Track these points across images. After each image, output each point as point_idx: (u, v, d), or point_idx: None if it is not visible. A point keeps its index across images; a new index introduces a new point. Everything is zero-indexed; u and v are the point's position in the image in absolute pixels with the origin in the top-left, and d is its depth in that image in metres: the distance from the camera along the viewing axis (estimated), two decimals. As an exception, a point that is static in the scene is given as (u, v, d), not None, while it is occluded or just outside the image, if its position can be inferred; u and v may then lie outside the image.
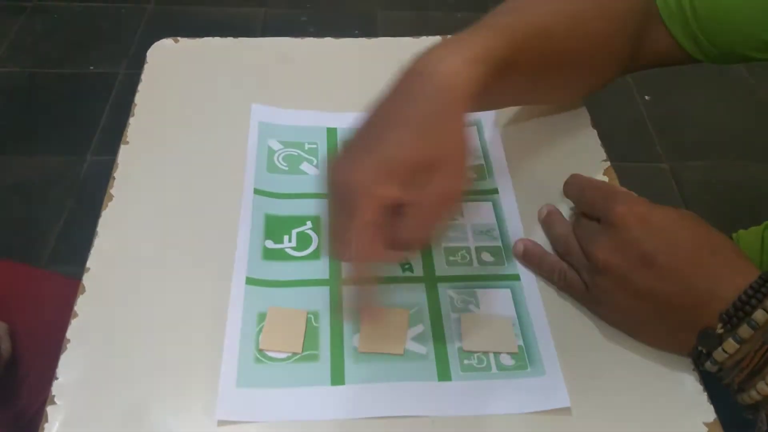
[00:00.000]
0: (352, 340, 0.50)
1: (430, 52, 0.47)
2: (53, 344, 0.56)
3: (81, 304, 0.52)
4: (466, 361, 0.49)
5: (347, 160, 0.45)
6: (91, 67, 1.95)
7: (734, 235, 0.70)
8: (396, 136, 0.44)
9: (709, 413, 0.47)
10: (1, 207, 1.59)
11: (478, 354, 0.50)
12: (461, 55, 0.46)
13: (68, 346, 0.49)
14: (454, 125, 0.45)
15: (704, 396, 0.48)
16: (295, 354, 0.49)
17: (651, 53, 0.62)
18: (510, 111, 0.67)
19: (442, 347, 0.50)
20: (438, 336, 0.50)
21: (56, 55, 1.98)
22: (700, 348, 0.46)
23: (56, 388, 0.47)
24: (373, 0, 2.18)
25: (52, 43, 2.02)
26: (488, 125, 0.65)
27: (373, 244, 0.44)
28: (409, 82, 0.46)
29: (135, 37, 2.04)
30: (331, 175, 0.46)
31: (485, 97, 0.49)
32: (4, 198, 1.61)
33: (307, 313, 0.51)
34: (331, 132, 0.65)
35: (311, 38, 0.75)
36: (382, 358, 0.49)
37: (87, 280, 0.53)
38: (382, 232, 0.44)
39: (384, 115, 0.46)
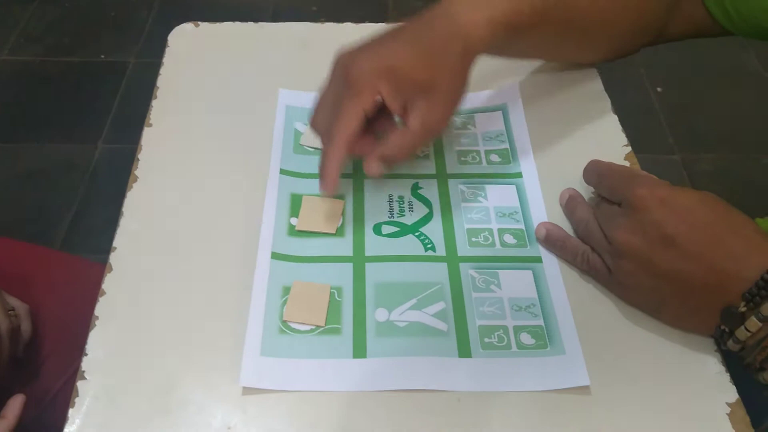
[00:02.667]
0: (374, 315, 0.51)
1: (457, 3, 0.52)
2: (73, 325, 0.57)
3: (108, 282, 0.52)
4: (486, 339, 0.50)
5: (357, 51, 0.52)
6: (102, 56, 1.95)
7: (758, 220, 0.70)
8: (405, 50, 0.51)
9: (732, 393, 0.48)
10: (14, 195, 1.60)
11: (498, 332, 0.50)
12: (485, 12, 0.52)
13: (96, 323, 0.50)
14: (457, 66, 0.52)
15: (726, 376, 0.48)
16: (318, 327, 0.50)
17: (684, 24, 0.63)
18: (533, 97, 0.67)
19: (463, 325, 0.50)
20: (459, 314, 0.51)
21: (67, 43, 1.99)
22: (722, 326, 0.46)
23: (86, 363, 0.48)
24: (384, -10, 2.19)
25: (62, 31, 2.03)
26: (514, 111, 0.66)
27: (356, 121, 0.51)
28: (434, 18, 0.52)
29: (145, 25, 2.04)
30: (339, 55, 0.53)
31: (508, 49, 0.59)
32: (16, 186, 1.62)
33: (331, 288, 0.52)
34: None
35: (330, 23, 0.75)
36: (403, 333, 0.50)
37: (114, 259, 0.54)
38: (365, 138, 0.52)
39: (402, 33, 0.52)
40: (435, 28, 0.52)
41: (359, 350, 0.49)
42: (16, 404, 0.56)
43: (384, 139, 0.53)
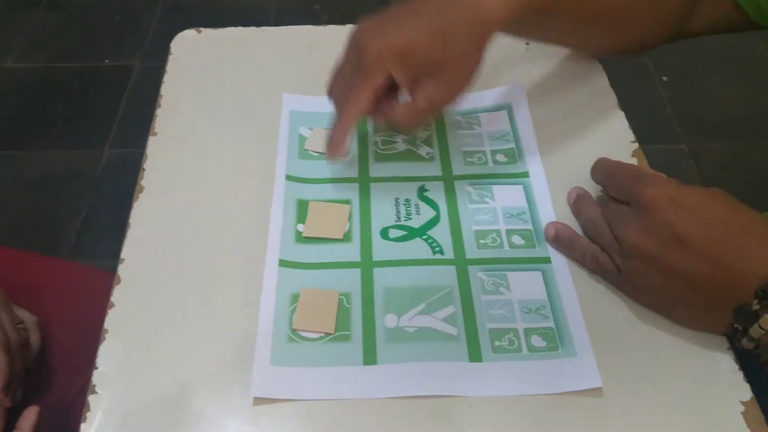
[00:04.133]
0: (384, 321, 0.51)
1: None
2: (84, 334, 0.57)
3: (117, 295, 0.52)
4: (497, 343, 0.49)
5: (375, 28, 0.53)
6: (107, 60, 1.96)
7: (766, 214, 0.69)
8: (421, 31, 0.52)
9: (746, 392, 0.47)
10: (21, 201, 1.61)
11: (508, 335, 0.50)
12: None
13: (106, 336, 0.50)
14: (471, 48, 0.53)
15: (740, 375, 0.48)
16: (327, 334, 0.50)
17: (709, 17, 0.63)
18: (538, 95, 0.67)
19: (473, 329, 0.50)
20: (469, 317, 0.51)
21: (71, 49, 1.99)
22: (736, 325, 0.46)
23: (96, 377, 0.48)
24: (386, -14, 2.18)
25: (66, 37, 2.03)
26: (519, 110, 0.66)
27: (367, 101, 0.53)
28: None
29: (149, 29, 2.04)
30: (357, 29, 0.54)
31: (527, 29, 0.61)
32: (24, 192, 1.63)
33: (339, 295, 0.52)
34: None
35: (333, 26, 0.75)
36: (413, 339, 0.49)
37: (122, 270, 0.54)
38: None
39: (422, 10, 0.53)
40: (451, 7, 0.52)
41: (369, 357, 0.49)
42: (30, 416, 0.56)
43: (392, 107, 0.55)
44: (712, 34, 0.65)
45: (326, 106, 0.57)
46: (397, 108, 0.55)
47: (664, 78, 1.87)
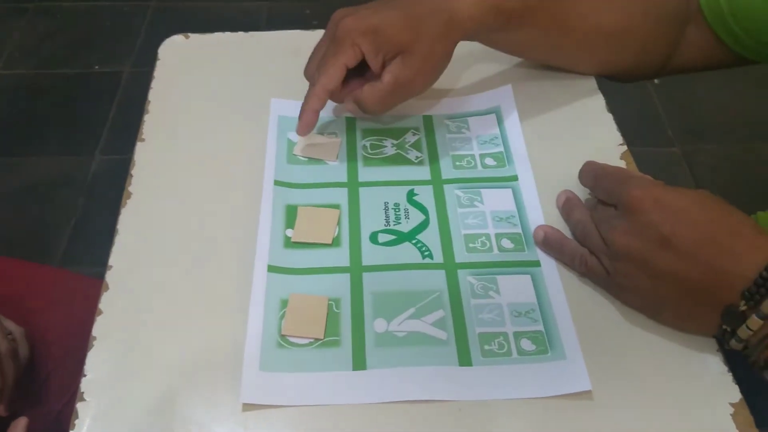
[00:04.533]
0: (373, 326, 0.51)
1: None
2: (72, 343, 0.57)
3: (105, 301, 0.52)
4: (486, 347, 0.49)
5: (350, 11, 0.57)
6: (96, 66, 1.95)
7: (753, 216, 0.70)
8: (392, 14, 0.56)
9: (735, 393, 0.47)
10: (12, 208, 1.60)
11: (498, 339, 0.50)
12: None
13: (94, 343, 0.50)
14: (438, 33, 0.56)
15: (729, 376, 0.48)
16: (317, 340, 0.50)
17: (693, 52, 0.65)
18: (527, 98, 0.67)
19: (463, 333, 0.50)
20: (458, 322, 0.51)
21: (61, 55, 1.99)
22: (724, 326, 0.46)
23: (85, 384, 0.48)
24: (376, -9, 2.18)
25: (56, 43, 2.03)
26: (507, 113, 0.66)
27: (337, 74, 0.56)
28: None
29: (139, 34, 2.04)
30: (335, 14, 0.58)
31: (502, 38, 0.63)
32: (14, 199, 1.62)
33: (328, 300, 0.52)
34: (350, 121, 0.65)
35: (321, 30, 0.74)
36: (403, 343, 0.49)
37: (110, 277, 0.54)
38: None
39: (396, 2, 0.57)
40: (429, 4, 0.56)
41: (359, 362, 0.49)
42: (19, 427, 0.56)
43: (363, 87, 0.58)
44: (701, 70, 0.67)
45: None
46: (364, 88, 0.58)
47: (656, 81, 1.88)
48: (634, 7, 0.63)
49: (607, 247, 0.50)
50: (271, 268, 0.53)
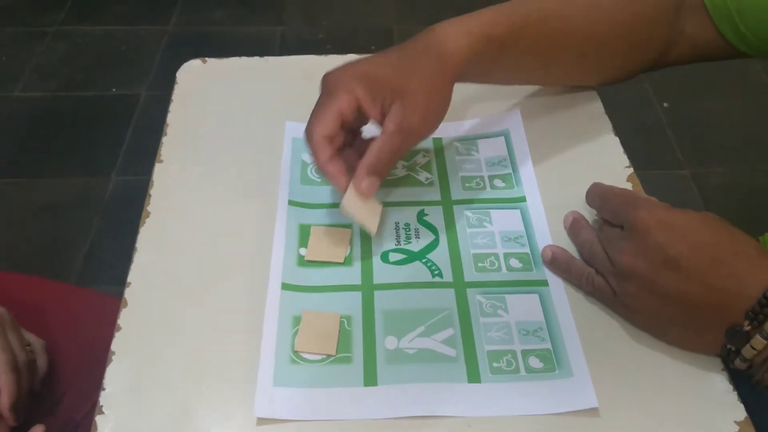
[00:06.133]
0: (384, 343, 0.52)
1: (439, 23, 0.57)
2: (91, 357, 0.58)
3: (124, 317, 0.54)
4: (495, 364, 0.50)
5: (340, 66, 0.56)
6: (113, 89, 1.99)
7: (760, 238, 0.71)
8: (383, 60, 0.56)
9: (740, 412, 0.48)
10: (29, 228, 1.63)
11: (506, 357, 0.51)
12: (460, 27, 0.56)
13: (113, 357, 0.51)
14: (432, 71, 0.55)
15: (734, 395, 0.49)
16: (329, 356, 0.51)
17: (689, 47, 0.64)
18: (535, 121, 0.68)
19: (472, 350, 0.51)
20: (467, 339, 0.52)
21: (79, 78, 2.02)
22: (729, 346, 0.47)
23: (104, 398, 0.49)
24: (389, 15, 2.21)
25: (74, 66, 2.06)
26: (516, 136, 0.67)
27: (332, 120, 0.53)
28: (415, 38, 0.57)
29: (155, 58, 2.08)
30: (324, 76, 0.56)
31: (493, 67, 0.61)
32: (32, 220, 1.65)
33: (340, 317, 0.53)
34: None
35: (333, 55, 0.77)
36: (413, 360, 0.50)
37: (128, 293, 0.55)
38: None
39: (385, 51, 0.57)
40: (414, 42, 0.57)
41: (370, 378, 0.50)
42: (36, 434, 0.58)
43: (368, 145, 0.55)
44: (694, 62, 0.66)
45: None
46: (369, 147, 0.54)
47: (665, 104, 1.89)
48: (622, 12, 0.63)
49: (614, 267, 0.51)
50: (285, 286, 0.55)
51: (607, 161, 0.65)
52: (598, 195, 0.56)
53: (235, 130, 0.69)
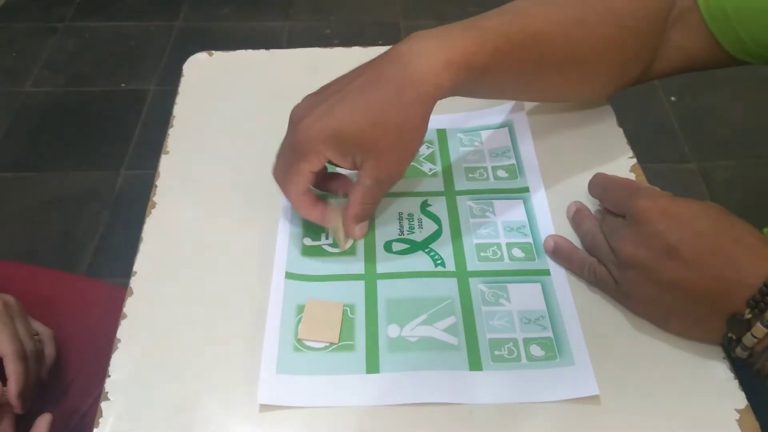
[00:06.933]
0: (387, 331, 0.52)
1: (417, 40, 0.51)
2: (98, 347, 0.59)
3: (129, 306, 0.54)
4: (496, 352, 0.51)
5: (308, 109, 0.52)
6: (123, 84, 2.00)
7: (765, 230, 0.70)
8: (350, 113, 0.50)
9: (741, 400, 0.48)
10: (39, 222, 1.64)
11: (508, 345, 0.51)
12: (441, 55, 0.49)
13: (119, 345, 0.52)
14: (406, 121, 0.50)
15: (735, 383, 0.49)
16: (332, 344, 0.51)
17: (675, 56, 0.63)
18: (539, 113, 0.69)
19: (474, 338, 0.51)
20: (469, 328, 0.52)
21: (88, 73, 2.04)
22: (729, 334, 0.47)
23: (109, 385, 0.50)
24: (396, 11, 2.22)
25: (84, 62, 2.08)
26: (519, 127, 0.67)
27: (303, 182, 0.53)
28: (387, 62, 0.51)
29: (164, 54, 2.09)
30: (293, 110, 0.54)
31: (479, 89, 0.57)
32: (42, 213, 1.66)
33: (344, 306, 0.53)
34: None
35: (340, 48, 0.77)
36: (415, 348, 0.51)
37: (134, 282, 0.56)
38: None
39: (351, 90, 0.51)
40: (385, 80, 0.50)
41: (372, 366, 0.50)
42: (43, 423, 0.58)
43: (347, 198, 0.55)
44: (684, 72, 0.64)
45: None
46: (350, 198, 0.55)
47: (672, 98, 1.89)
48: (607, 28, 0.58)
49: (615, 256, 0.51)
50: (289, 275, 0.55)
51: (611, 152, 0.65)
52: (600, 185, 0.56)
53: (241, 122, 0.69)
